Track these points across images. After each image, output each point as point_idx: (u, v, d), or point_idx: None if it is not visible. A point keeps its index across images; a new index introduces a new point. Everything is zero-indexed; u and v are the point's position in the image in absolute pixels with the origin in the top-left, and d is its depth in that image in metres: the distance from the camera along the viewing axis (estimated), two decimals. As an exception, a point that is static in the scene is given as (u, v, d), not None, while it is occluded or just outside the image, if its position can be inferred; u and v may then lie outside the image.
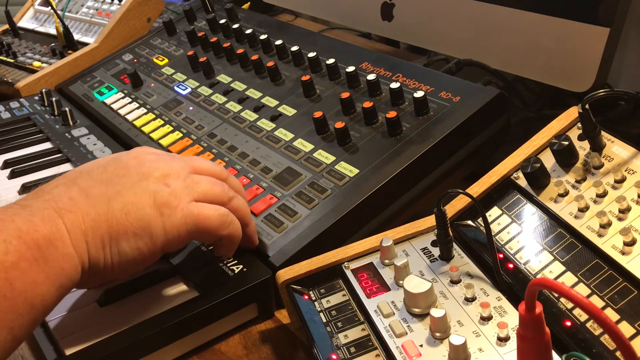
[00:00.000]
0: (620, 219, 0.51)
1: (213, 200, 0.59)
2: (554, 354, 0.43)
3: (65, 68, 1.16)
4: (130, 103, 0.98)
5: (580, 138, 0.59)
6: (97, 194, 0.54)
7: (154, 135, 0.88)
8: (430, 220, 0.60)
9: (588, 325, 0.46)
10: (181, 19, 1.16)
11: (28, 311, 0.48)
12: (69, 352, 0.55)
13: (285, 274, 0.58)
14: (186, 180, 0.58)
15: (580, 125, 0.59)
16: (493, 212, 0.59)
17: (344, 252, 0.59)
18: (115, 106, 0.98)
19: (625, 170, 0.54)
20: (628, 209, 0.51)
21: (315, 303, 0.56)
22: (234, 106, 0.87)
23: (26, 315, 0.48)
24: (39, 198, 0.53)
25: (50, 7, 1.34)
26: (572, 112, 0.61)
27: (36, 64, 1.20)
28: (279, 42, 0.93)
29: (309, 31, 1.01)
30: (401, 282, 0.53)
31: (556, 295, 0.49)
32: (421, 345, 0.49)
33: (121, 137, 0.91)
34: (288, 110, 0.83)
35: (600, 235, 0.51)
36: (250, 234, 0.63)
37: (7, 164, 0.89)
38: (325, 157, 0.72)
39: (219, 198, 0.59)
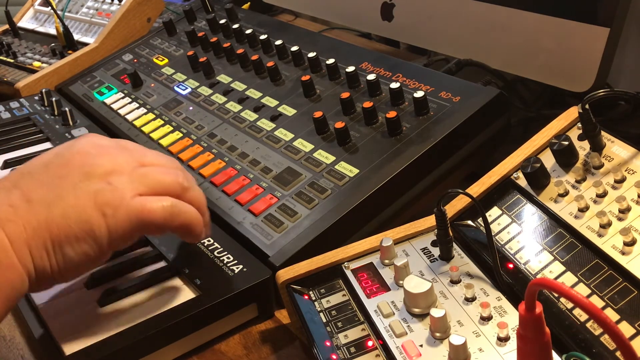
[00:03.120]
0: (620, 219, 0.51)
1: (163, 192, 0.56)
2: (554, 354, 0.43)
3: (65, 68, 1.16)
4: (130, 103, 0.98)
5: (580, 138, 0.59)
6: (37, 199, 0.52)
7: (154, 135, 0.88)
8: (430, 220, 0.60)
9: (588, 325, 0.46)
10: (181, 19, 1.16)
11: None
12: (69, 352, 0.55)
13: (285, 274, 0.58)
14: (132, 175, 0.55)
15: (580, 125, 0.59)
16: (493, 212, 0.59)
17: (344, 252, 0.59)
18: (115, 106, 0.98)
19: (625, 170, 0.54)
20: (628, 209, 0.51)
21: (315, 303, 0.56)
22: (234, 106, 0.87)
23: None
24: None
25: (50, 7, 1.34)
26: (572, 112, 0.61)
27: (36, 64, 1.20)
28: (279, 42, 0.93)
29: (309, 31, 1.01)
30: (401, 282, 0.53)
31: (556, 295, 0.49)
32: (421, 345, 0.49)
33: (121, 137, 0.91)
34: (288, 110, 0.83)
35: (600, 235, 0.51)
36: (205, 223, 0.60)
37: (7, 164, 0.89)
38: (325, 157, 0.72)
39: (169, 189, 0.57)
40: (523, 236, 0.55)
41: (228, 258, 0.64)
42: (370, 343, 0.51)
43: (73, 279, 0.56)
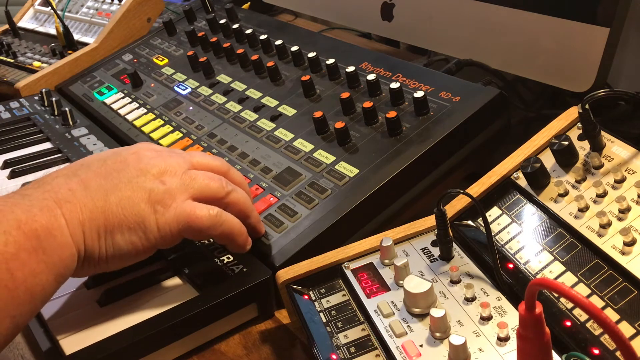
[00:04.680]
0: (620, 219, 0.51)
1: (209, 196, 0.59)
2: (554, 354, 0.43)
3: (65, 68, 1.16)
4: (130, 103, 0.98)
5: (580, 138, 0.59)
6: (95, 186, 0.56)
7: (154, 135, 0.88)
8: (430, 220, 0.60)
9: (588, 325, 0.46)
10: (181, 19, 1.16)
11: (29, 300, 0.49)
12: (69, 352, 0.55)
13: (285, 274, 0.58)
14: (182, 177, 0.59)
15: (580, 125, 0.59)
16: (493, 212, 0.59)
17: (344, 252, 0.59)
18: (115, 106, 0.98)
19: (625, 170, 0.54)
20: (628, 209, 0.51)
21: (315, 303, 0.56)
22: (234, 106, 0.87)
23: (27, 304, 0.49)
24: (39, 188, 0.55)
25: (50, 7, 1.34)
26: (572, 112, 0.61)
27: (36, 64, 1.20)
28: (279, 42, 0.93)
29: (309, 31, 1.01)
30: (401, 282, 0.53)
31: (556, 295, 0.49)
32: (421, 345, 0.49)
33: (121, 137, 0.91)
34: (288, 110, 0.83)
35: (600, 235, 0.51)
36: (253, 224, 0.64)
37: (7, 164, 0.89)
38: (325, 157, 0.72)
39: (215, 194, 0.60)
40: (523, 236, 0.55)
41: (228, 258, 0.64)
42: (370, 343, 0.51)
43: (115, 269, 0.58)
